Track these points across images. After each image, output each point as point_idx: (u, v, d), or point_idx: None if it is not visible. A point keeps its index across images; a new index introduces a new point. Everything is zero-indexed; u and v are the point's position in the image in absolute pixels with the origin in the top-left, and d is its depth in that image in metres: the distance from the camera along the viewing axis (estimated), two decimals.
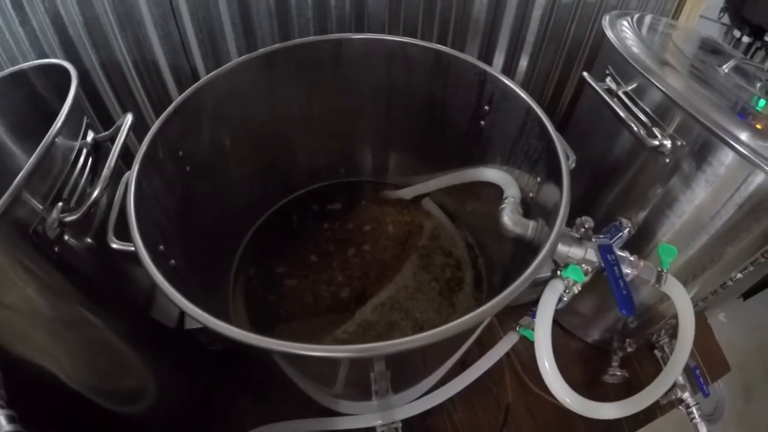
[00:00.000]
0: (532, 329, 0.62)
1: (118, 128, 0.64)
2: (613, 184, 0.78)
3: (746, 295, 1.15)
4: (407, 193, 1.05)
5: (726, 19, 1.41)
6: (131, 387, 0.72)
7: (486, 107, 0.80)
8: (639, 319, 0.86)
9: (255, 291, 0.90)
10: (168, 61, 0.92)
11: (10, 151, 0.76)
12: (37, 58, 0.84)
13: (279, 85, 0.84)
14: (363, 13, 0.93)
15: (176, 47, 0.90)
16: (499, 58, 1.05)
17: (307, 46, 0.81)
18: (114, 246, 0.55)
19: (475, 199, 0.93)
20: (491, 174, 0.81)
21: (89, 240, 0.60)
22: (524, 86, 0.82)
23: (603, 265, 0.60)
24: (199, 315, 0.46)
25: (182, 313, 0.72)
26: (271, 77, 0.82)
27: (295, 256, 0.95)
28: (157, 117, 0.70)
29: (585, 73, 0.76)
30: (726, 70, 0.74)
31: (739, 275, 0.70)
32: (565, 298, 0.64)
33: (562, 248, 0.61)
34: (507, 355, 0.87)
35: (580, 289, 0.64)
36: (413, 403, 0.78)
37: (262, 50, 0.78)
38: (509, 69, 1.07)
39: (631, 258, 0.64)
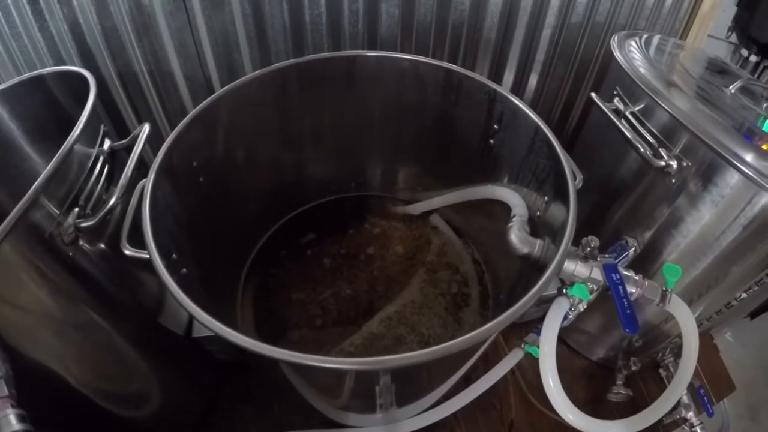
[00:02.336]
0: (538, 346, 0.63)
1: (135, 137, 0.65)
2: (620, 203, 0.78)
3: (753, 315, 1.15)
4: (416, 208, 1.06)
5: (734, 38, 1.41)
6: (136, 392, 0.73)
7: (495, 126, 0.81)
8: (644, 338, 0.86)
9: (263, 301, 0.91)
10: (183, 72, 0.93)
11: (25, 155, 0.77)
12: (55, 64, 0.87)
13: (292, 100, 0.85)
14: (376, 31, 0.94)
15: (192, 59, 0.91)
16: (508, 77, 1.06)
17: (322, 62, 0.82)
18: (127, 253, 0.56)
19: (483, 216, 0.93)
20: (499, 192, 0.82)
21: (102, 246, 0.61)
22: (533, 105, 0.83)
23: (608, 284, 0.61)
24: (213, 324, 0.46)
25: (190, 321, 0.74)
26: (285, 91, 0.83)
27: (303, 268, 0.96)
28: (171, 127, 0.71)
29: (593, 94, 0.77)
30: (732, 91, 0.75)
31: (744, 295, 0.71)
32: (571, 316, 0.64)
33: (568, 267, 0.61)
34: (511, 371, 0.87)
35: (585, 307, 0.65)
36: (417, 417, 0.79)
37: (277, 65, 0.80)
38: (519, 87, 1.08)
39: (636, 277, 0.64)
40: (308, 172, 1.00)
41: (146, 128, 0.65)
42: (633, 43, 0.84)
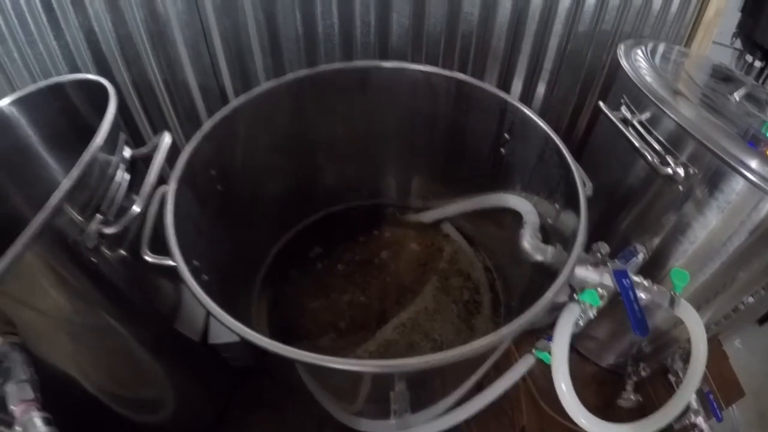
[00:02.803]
0: (549, 352, 0.63)
1: (154, 146, 0.65)
2: (628, 210, 0.79)
3: (762, 321, 1.15)
4: (428, 216, 1.06)
5: (738, 44, 1.42)
6: (151, 397, 0.74)
7: (506, 135, 0.82)
8: (653, 343, 0.87)
9: (277, 308, 0.92)
10: (197, 80, 0.94)
11: (43, 161, 0.79)
12: (70, 72, 0.88)
13: (306, 109, 0.87)
14: (387, 41, 0.95)
15: (206, 67, 0.92)
16: (517, 85, 1.07)
17: (336, 73, 0.83)
18: (150, 260, 0.57)
19: (494, 224, 0.94)
20: (511, 200, 0.83)
21: (122, 252, 0.62)
22: (541, 113, 0.83)
23: (618, 289, 0.62)
24: (240, 329, 0.48)
25: (206, 327, 0.75)
26: (299, 101, 0.84)
27: (317, 276, 0.97)
28: (186, 135, 0.72)
29: (601, 103, 0.78)
30: (737, 98, 0.75)
31: (751, 299, 0.72)
32: (581, 323, 0.65)
33: (579, 273, 0.62)
34: (523, 378, 0.87)
35: (595, 314, 0.65)
36: (430, 423, 0.79)
37: (291, 75, 0.81)
38: (527, 96, 1.09)
39: (645, 283, 0.65)
40: (322, 181, 1.01)
41: (167, 138, 0.66)
42: (639, 52, 0.85)
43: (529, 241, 0.69)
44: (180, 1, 0.84)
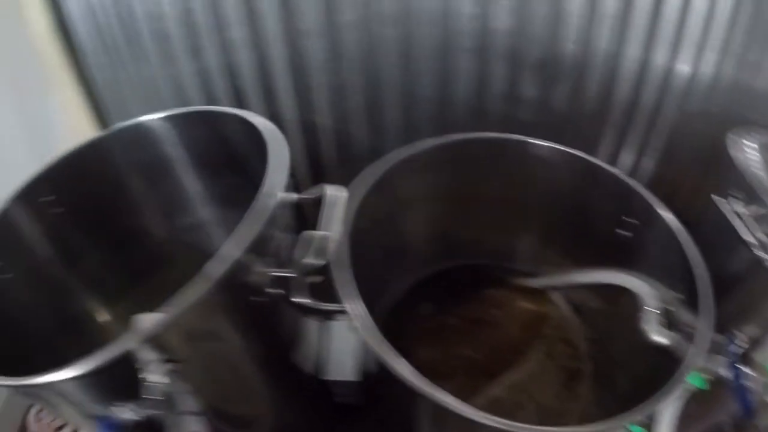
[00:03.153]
0: (639, 425, 0.66)
1: (318, 194, 0.68)
2: (728, 296, 0.78)
3: None
4: (540, 282, 1.06)
5: None
6: (256, 421, 0.77)
7: (629, 219, 0.85)
8: (736, 426, 0.87)
9: None
10: (331, 125, 0.98)
11: (182, 180, 0.85)
12: (205, 99, 0.93)
13: (441, 173, 0.91)
14: (515, 114, 1.00)
15: (341, 114, 0.97)
16: (627, 159, 1.08)
17: (476, 142, 0.89)
18: (316, 306, 0.62)
19: (603, 298, 0.96)
20: (628, 280, 0.81)
21: (280, 291, 0.64)
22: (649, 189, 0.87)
23: (733, 379, 0.65)
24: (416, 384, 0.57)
25: (321, 362, 0.78)
26: (435, 165, 0.89)
27: (429, 326, 0.99)
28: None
29: (713, 196, 0.80)
30: None
31: None
32: None
33: None
34: None
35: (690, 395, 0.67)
36: None
37: (429, 143, 0.86)
38: (635, 171, 1.10)
39: (749, 371, 0.67)
40: (446, 237, 1.04)
41: (334, 190, 0.67)
42: (749, 141, 0.84)
43: (651, 326, 0.70)
44: (322, 49, 0.88)
